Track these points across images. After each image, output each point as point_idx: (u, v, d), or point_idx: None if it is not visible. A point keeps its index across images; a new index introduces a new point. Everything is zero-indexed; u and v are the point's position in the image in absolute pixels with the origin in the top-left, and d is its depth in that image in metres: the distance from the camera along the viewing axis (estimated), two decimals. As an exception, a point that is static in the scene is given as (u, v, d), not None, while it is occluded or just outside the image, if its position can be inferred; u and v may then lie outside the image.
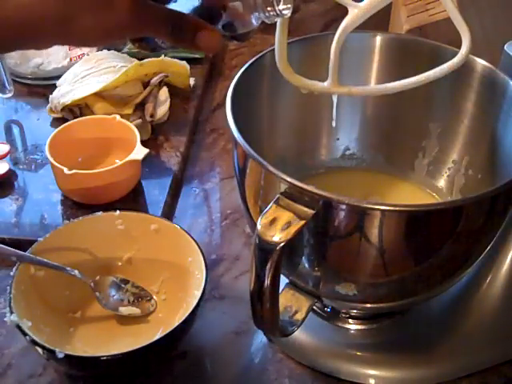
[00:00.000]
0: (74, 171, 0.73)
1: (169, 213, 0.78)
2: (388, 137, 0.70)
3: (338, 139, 0.71)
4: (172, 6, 0.45)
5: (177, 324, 0.57)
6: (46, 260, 0.63)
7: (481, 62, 0.61)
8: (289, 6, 0.44)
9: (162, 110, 0.89)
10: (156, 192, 0.79)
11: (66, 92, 0.86)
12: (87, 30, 0.41)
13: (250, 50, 1.03)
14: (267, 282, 0.48)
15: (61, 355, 0.55)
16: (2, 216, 0.76)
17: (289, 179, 0.49)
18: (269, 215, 0.48)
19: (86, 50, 0.96)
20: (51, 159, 0.75)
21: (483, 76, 0.62)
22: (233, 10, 0.44)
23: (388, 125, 0.70)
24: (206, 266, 0.62)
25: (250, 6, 0.44)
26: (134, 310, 0.65)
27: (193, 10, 0.44)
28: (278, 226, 0.47)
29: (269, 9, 0.43)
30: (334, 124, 0.61)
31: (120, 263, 0.68)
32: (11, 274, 0.61)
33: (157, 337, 0.58)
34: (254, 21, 0.44)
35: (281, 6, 0.43)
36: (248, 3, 0.44)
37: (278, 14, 0.44)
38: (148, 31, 0.43)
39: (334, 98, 0.57)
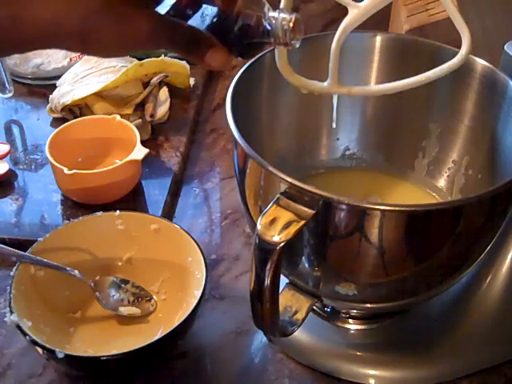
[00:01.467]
0: (74, 171, 0.73)
1: (169, 213, 0.78)
2: (388, 137, 0.70)
3: (338, 139, 0.71)
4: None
5: (177, 324, 0.57)
6: (45, 260, 0.63)
7: (481, 62, 0.61)
8: (299, 37, 0.45)
9: (162, 110, 0.89)
10: (156, 192, 0.79)
11: (66, 92, 0.86)
12: (104, 43, 0.42)
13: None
14: (267, 281, 0.48)
15: (61, 355, 0.55)
16: (2, 216, 0.76)
17: (289, 179, 0.49)
18: (269, 215, 0.48)
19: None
20: (51, 159, 0.75)
21: (483, 76, 0.62)
22: (246, 17, 0.44)
23: (388, 125, 0.70)
24: (206, 266, 0.62)
25: (262, 19, 0.44)
26: (133, 310, 0.65)
27: (208, 23, 0.44)
28: (278, 226, 0.47)
29: (280, 36, 0.44)
30: (334, 125, 0.62)
31: (120, 263, 0.68)
32: (11, 274, 0.61)
33: (157, 337, 0.58)
34: (267, 29, 0.44)
35: (291, 36, 0.44)
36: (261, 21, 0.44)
37: (287, 43, 0.44)
38: (164, 46, 0.44)
39: (334, 100, 0.57)
